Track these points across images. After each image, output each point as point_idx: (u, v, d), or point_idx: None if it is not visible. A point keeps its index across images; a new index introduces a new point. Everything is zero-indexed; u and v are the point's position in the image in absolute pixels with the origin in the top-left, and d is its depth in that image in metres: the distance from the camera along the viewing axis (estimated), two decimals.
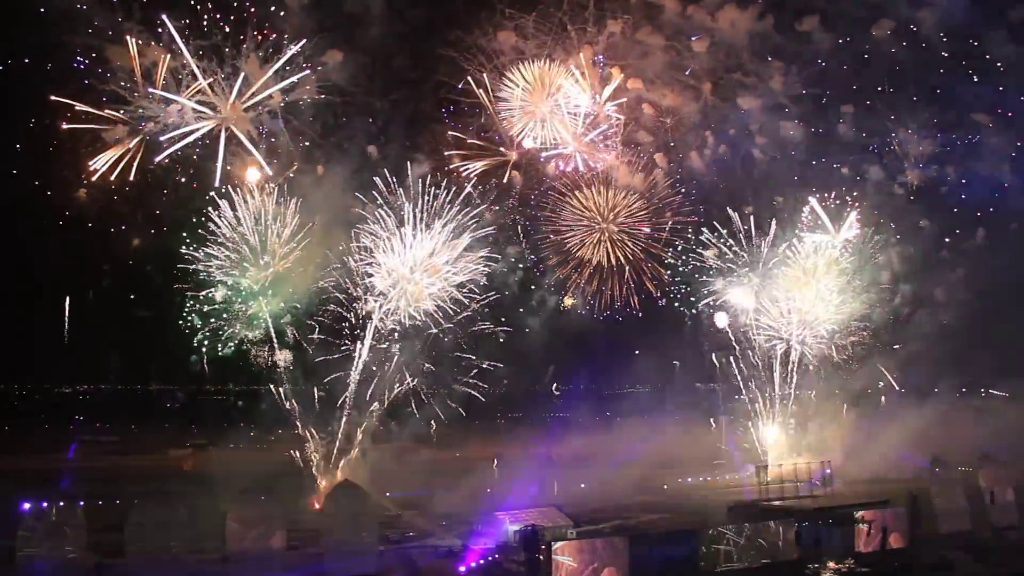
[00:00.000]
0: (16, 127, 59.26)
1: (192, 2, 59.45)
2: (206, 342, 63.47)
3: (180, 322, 62.91)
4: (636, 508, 61.67)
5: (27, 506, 43.04)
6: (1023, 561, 50.68)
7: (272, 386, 64.29)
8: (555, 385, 77.07)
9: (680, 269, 74.34)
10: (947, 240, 76.66)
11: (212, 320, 63.09)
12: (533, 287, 72.94)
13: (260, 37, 61.24)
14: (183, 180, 62.03)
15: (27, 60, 58.45)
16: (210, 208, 61.63)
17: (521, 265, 71.55)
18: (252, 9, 61.03)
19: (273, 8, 61.21)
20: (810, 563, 48.20)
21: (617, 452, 72.23)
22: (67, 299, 67.21)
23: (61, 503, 46.04)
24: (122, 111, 59.38)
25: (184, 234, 61.96)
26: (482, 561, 46.69)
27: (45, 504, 45.08)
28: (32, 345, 65.14)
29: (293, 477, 63.05)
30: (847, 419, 77.53)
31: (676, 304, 75.10)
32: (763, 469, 67.17)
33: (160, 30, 58.63)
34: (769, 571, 47.20)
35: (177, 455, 70.63)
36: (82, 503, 46.11)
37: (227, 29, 60.31)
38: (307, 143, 64.32)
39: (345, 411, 64.75)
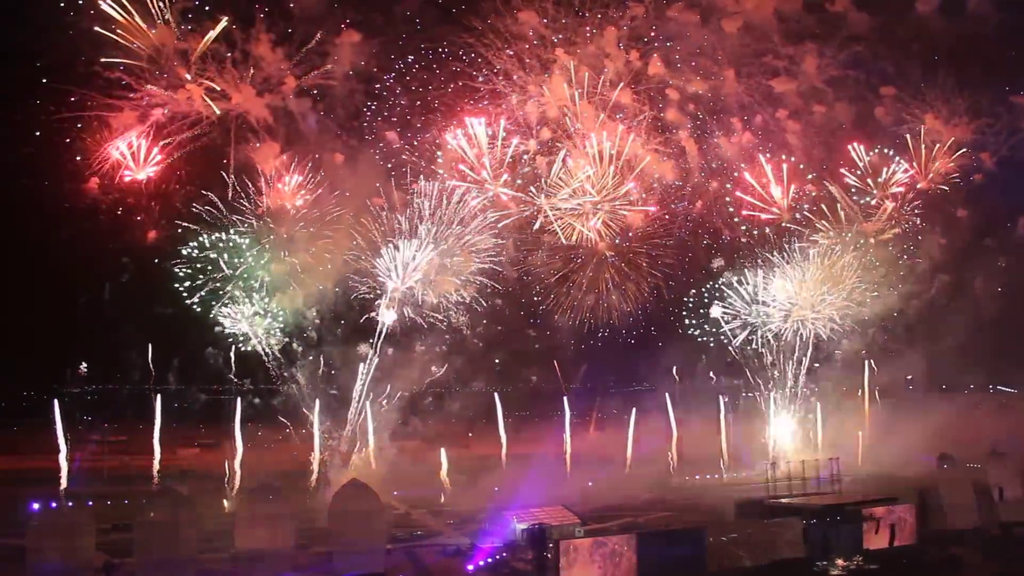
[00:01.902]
0: (20, 115, 57.78)
1: None
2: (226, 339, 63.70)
3: (192, 320, 63.03)
4: (644, 506, 61.67)
5: (36, 506, 43.19)
6: None
7: (285, 384, 64.52)
8: (567, 384, 76.81)
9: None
10: (987, 231, 75.92)
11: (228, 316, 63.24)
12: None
13: (271, 20, 60.05)
14: (196, 169, 61.23)
15: (31, 46, 56.35)
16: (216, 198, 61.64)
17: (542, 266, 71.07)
18: None
19: None
20: (818, 560, 48.06)
21: (628, 450, 72.41)
22: (75, 298, 66.90)
23: (70, 503, 46.29)
24: (130, 98, 58.41)
25: (199, 227, 61.85)
26: (490, 560, 46.75)
27: (54, 504, 45.31)
28: (40, 345, 65.05)
29: (303, 476, 63.27)
30: (861, 415, 77.56)
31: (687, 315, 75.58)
32: (772, 466, 66.98)
33: (169, 17, 57.97)
34: (777, 568, 47.08)
35: (186, 455, 70.83)
36: (91, 503, 46.33)
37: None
38: (325, 130, 63.65)
39: (359, 409, 64.92)
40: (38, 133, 58.00)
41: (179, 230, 62.02)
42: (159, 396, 63.90)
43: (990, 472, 57.00)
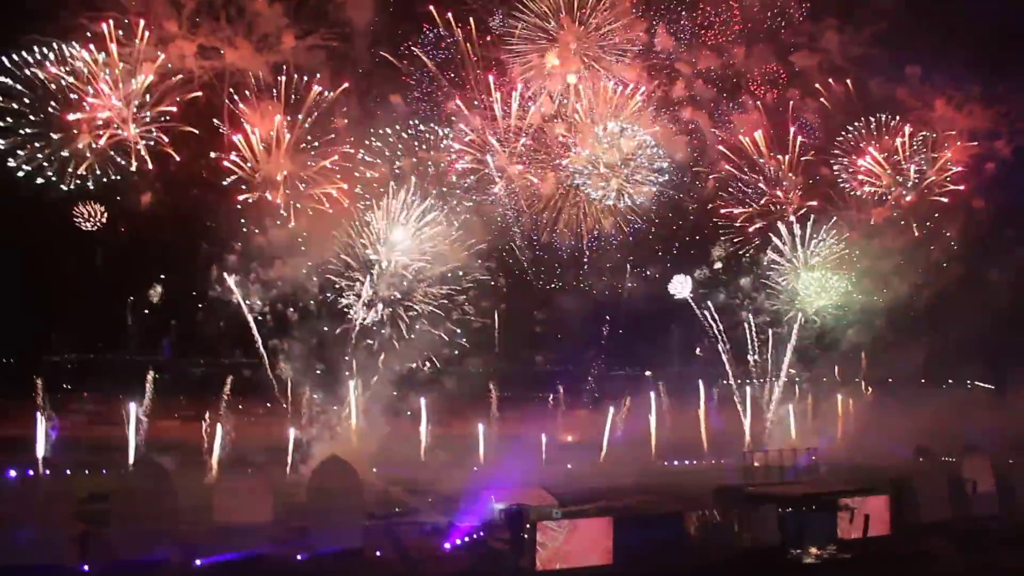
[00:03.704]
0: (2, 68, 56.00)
1: None
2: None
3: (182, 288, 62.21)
4: (622, 490, 61.88)
5: (13, 474, 43.01)
6: (1003, 550, 51.22)
7: (274, 357, 64.10)
8: (565, 367, 76.87)
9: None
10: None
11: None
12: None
13: None
14: (192, 130, 59.70)
15: None
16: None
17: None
18: None
19: None
20: (793, 548, 48.52)
21: (616, 433, 72.63)
22: (61, 263, 65.92)
23: (47, 472, 46.08)
24: (116, 54, 56.42)
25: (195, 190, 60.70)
26: (467, 539, 46.97)
27: (31, 472, 45.09)
28: (21, 310, 64.25)
29: (284, 450, 63.14)
30: (848, 406, 78.14)
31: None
32: (750, 454, 67.49)
33: None
34: (752, 555, 47.52)
35: (166, 426, 70.50)
36: (68, 472, 46.14)
37: None
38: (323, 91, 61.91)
39: (343, 385, 64.59)
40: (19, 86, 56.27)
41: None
42: (149, 367, 63.28)
43: (964, 466, 57.68)
